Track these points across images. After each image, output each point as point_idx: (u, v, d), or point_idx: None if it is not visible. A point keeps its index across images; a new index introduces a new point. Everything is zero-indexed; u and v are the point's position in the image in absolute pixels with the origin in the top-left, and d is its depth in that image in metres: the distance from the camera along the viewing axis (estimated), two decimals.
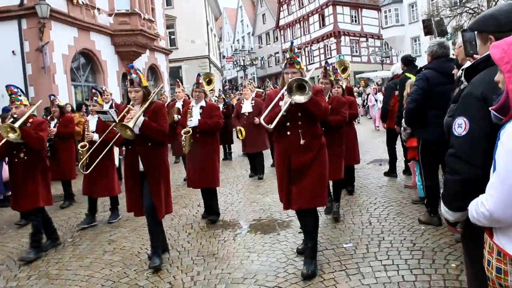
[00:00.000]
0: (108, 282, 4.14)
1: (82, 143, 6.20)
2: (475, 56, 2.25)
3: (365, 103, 21.94)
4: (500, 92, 1.64)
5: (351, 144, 6.28)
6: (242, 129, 8.68)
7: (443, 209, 2.04)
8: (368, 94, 19.04)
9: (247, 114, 8.87)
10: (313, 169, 3.91)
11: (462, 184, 1.89)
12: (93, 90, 6.72)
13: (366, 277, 3.72)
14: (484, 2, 20.64)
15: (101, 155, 5.74)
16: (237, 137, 9.21)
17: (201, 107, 5.92)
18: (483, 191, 1.71)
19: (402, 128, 5.74)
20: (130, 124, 4.03)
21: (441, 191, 2.99)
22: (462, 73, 3.75)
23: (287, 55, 4.01)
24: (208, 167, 5.83)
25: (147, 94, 4.38)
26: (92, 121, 6.44)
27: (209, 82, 10.12)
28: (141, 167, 4.36)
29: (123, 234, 5.69)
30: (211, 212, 6.02)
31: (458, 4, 22.61)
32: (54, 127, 7.45)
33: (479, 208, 1.68)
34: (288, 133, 3.90)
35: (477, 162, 1.83)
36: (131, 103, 4.39)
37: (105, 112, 4.50)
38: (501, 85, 1.64)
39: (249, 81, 11.50)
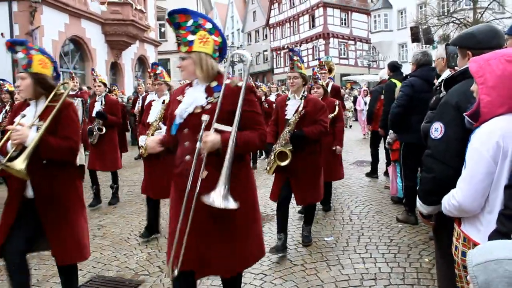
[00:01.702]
0: (99, 264, 4.30)
1: None
2: (455, 68, 2.50)
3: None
4: (474, 101, 1.88)
5: (332, 156, 5.50)
6: None
7: (418, 203, 2.28)
8: (355, 97, 18.88)
9: None
10: (227, 223, 2.42)
11: (435, 181, 2.12)
12: (1, 82, 5.40)
13: (345, 268, 3.96)
14: (470, 13, 21.22)
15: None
16: None
17: (164, 102, 4.84)
18: (453, 188, 1.95)
19: (390, 131, 5.92)
20: (20, 165, 2.62)
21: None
22: (439, 83, 4.04)
23: (175, 33, 2.60)
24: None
25: (42, 87, 2.89)
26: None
27: None
28: (30, 193, 2.88)
29: (112, 220, 5.82)
30: (152, 229, 5.01)
31: (446, 14, 23.16)
32: (5, 117, 5.72)
33: (451, 200, 1.91)
34: (187, 157, 2.40)
35: (450, 162, 2.06)
36: (21, 116, 2.87)
37: None
38: (475, 95, 1.88)
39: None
